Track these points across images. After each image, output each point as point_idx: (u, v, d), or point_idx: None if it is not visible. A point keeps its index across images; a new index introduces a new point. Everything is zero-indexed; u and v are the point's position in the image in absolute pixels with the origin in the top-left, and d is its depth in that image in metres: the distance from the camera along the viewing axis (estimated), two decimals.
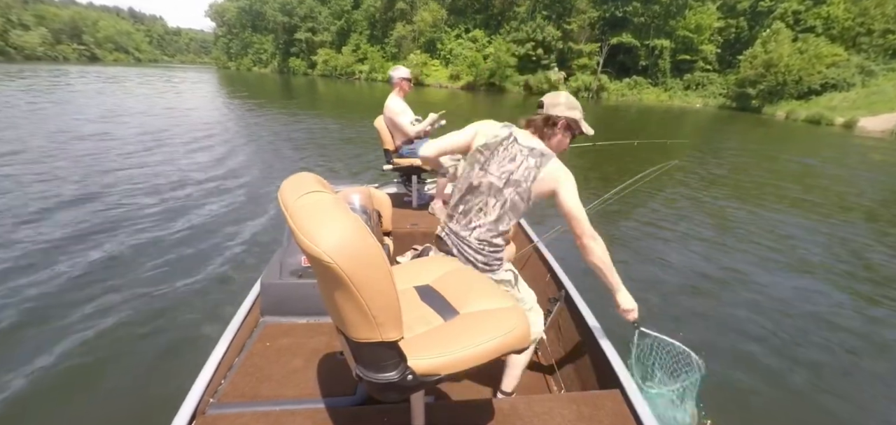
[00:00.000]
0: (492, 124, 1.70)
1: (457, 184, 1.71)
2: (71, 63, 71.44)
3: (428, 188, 4.05)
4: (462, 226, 1.63)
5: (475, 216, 1.61)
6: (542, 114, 1.65)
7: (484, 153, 1.62)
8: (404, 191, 4.05)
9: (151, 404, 2.28)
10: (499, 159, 1.59)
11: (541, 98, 1.71)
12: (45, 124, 10.35)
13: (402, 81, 3.68)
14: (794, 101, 30.30)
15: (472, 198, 1.62)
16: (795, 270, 4.55)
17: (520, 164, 1.56)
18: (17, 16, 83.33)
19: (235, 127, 12.33)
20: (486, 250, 1.60)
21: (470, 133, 1.70)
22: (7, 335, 2.82)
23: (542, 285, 2.47)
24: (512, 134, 1.63)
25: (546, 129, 1.63)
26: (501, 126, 1.68)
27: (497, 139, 1.62)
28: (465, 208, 1.63)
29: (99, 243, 4.18)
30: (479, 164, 1.62)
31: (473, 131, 1.69)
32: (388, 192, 3.74)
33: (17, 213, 4.75)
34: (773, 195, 7.77)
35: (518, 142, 1.60)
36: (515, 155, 1.58)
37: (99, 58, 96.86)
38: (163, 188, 5.97)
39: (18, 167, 6.53)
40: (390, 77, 3.74)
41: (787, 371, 2.89)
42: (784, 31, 32.80)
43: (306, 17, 60.39)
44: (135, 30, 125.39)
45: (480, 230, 1.59)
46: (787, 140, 17.43)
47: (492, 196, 1.58)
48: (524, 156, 1.57)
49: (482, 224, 1.59)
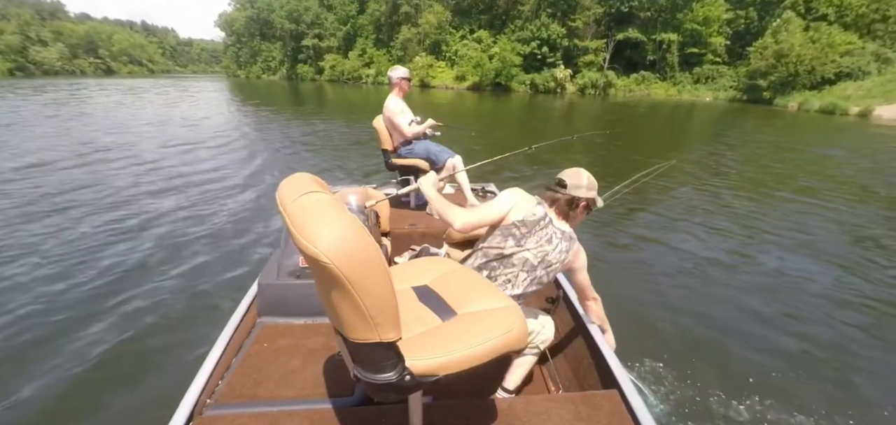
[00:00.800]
0: (527, 199, 1.74)
1: (481, 246, 1.74)
2: (87, 76, 73.27)
3: None
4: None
5: (502, 286, 1.66)
6: (566, 196, 1.72)
7: (520, 229, 1.68)
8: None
9: (149, 405, 2.30)
10: (537, 238, 1.67)
11: (561, 175, 1.77)
12: (65, 137, 10.72)
13: (401, 81, 3.69)
14: (807, 91, 29.59)
15: (501, 268, 1.67)
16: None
17: (555, 247, 1.67)
18: (35, 32, 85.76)
19: (247, 132, 12.51)
20: None
21: (506, 206, 1.73)
22: (7, 335, 2.86)
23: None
24: (547, 215, 1.71)
25: (570, 211, 1.73)
26: (536, 203, 1.74)
27: (535, 218, 1.68)
28: (490, 274, 1.68)
29: (98, 246, 4.23)
30: (514, 239, 1.67)
31: (510, 204, 1.73)
32: (386, 193, 3.74)
33: (22, 216, 4.89)
34: (818, 189, 7.56)
35: (553, 224, 1.70)
36: (552, 237, 1.68)
37: (114, 70, 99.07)
38: (162, 192, 6.08)
39: (34, 176, 6.74)
40: (389, 77, 3.76)
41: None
42: (795, 20, 32.06)
43: (313, 23, 60.98)
44: (148, 42, 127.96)
45: None
46: (803, 131, 17.06)
47: (524, 271, 1.66)
48: (559, 239, 1.68)
49: (507, 294, 1.59)
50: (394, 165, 3.85)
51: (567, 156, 9.49)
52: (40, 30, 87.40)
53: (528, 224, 1.68)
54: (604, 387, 1.71)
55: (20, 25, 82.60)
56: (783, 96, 30.77)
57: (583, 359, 1.94)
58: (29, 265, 3.82)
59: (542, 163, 8.52)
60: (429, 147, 3.78)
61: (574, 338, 2.06)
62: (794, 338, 3.17)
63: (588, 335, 1.93)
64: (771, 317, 3.46)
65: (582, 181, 1.72)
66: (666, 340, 3.10)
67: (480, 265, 1.71)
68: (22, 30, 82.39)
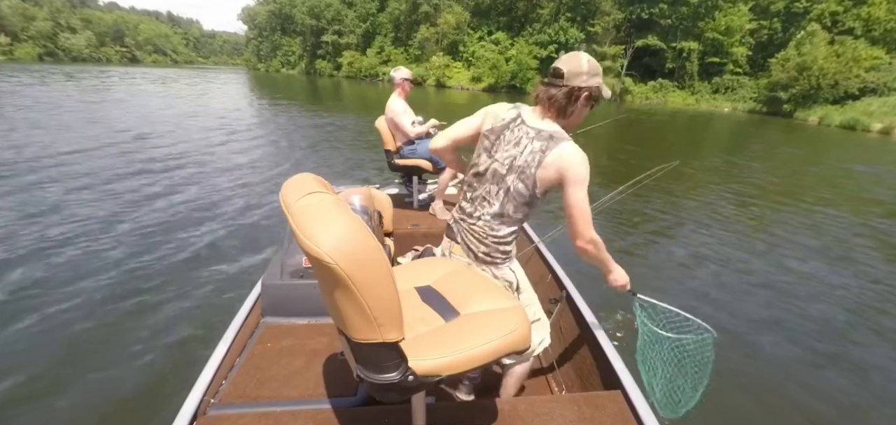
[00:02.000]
0: (501, 106, 1.56)
1: (468, 169, 1.63)
2: (113, 64, 75.16)
3: (429, 189, 4.06)
4: (468, 215, 1.57)
5: (480, 205, 1.54)
6: (563, 88, 1.42)
7: (490, 137, 1.52)
8: (405, 191, 4.06)
9: (152, 405, 2.30)
10: (504, 144, 1.48)
11: (556, 64, 1.46)
12: (85, 129, 10.76)
13: (403, 82, 3.69)
14: (829, 105, 29.04)
15: (478, 186, 1.54)
16: None
17: (524, 149, 1.43)
18: (65, 20, 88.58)
19: (267, 128, 12.56)
20: (489, 241, 1.52)
21: (479, 117, 1.59)
22: (7, 334, 2.83)
23: (542, 286, 2.47)
24: (519, 115, 1.49)
25: (569, 106, 1.44)
26: (510, 107, 1.54)
27: (503, 122, 1.50)
28: (472, 196, 1.57)
29: (101, 242, 4.21)
30: (485, 151, 1.53)
31: (483, 115, 1.58)
32: (389, 193, 3.76)
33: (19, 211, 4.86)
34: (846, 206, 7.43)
35: (525, 124, 1.46)
36: (520, 138, 1.45)
37: (139, 59, 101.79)
38: (170, 189, 6.03)
39: (46, 164, 6.95)
40: (392, 77, 3.77)
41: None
42: (820, 33, 31.46)
43: (333, 19, 61.81)
44: (173, 33, 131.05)
45: (484, 220, 1.52)
46: (827, 145, 16.71)
47: (495, 184, 1.49)
48: (530, 139, 1.43)
49: (486, 213, 1.52)
50: (396, 166, 3.85)
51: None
52: (70, 17, 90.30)
53: (496, 130, 1.51)
54: (607, 388, 1.69)
55: (51, 12, 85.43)
56: (804, 109, 30.23)
57: (586, 360, 1.92)
58: (31, 262, 3.78)
59: None
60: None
61: (577, 339, 2.03)
62: (807, 346, 3.15)
63: (591, 335, 1.90)
64: (782, 321, 3.47)
65: (582, 66, 1.41)
66: None
67: (465, 191, 1.60)
68: (53, 16, 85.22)
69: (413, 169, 3.79)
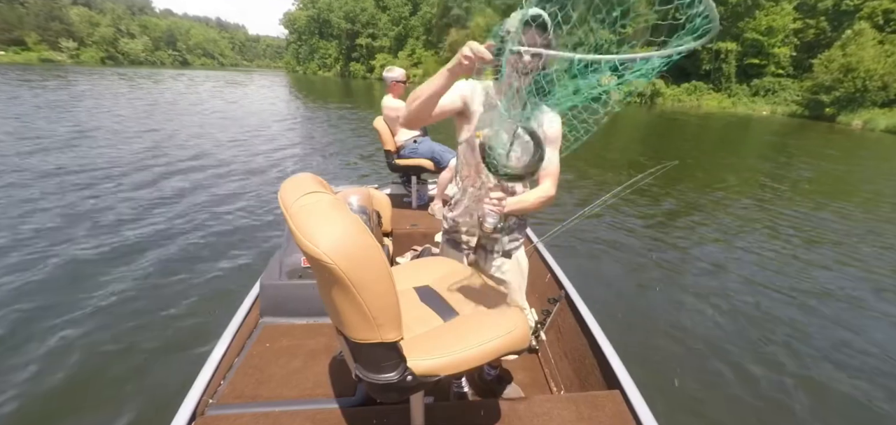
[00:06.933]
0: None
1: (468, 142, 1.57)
2: (166, 67, 79.86)
3: (428, 189, 4.08)
4: (472, 182, 1.56)
5: (467, 175, 1.56)
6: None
7: (470, 107, 1.51)
8: (404, 191, 4.07)
9: (150, 405, 2.29)
10: (477, 106, 1.50)
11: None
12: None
13: (395, 84, 3.79)
14: (876, 108, 27.42)
15: (462, 159, 1.59)
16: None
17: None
18: (125, 26, 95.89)
19: (298, 130, 12.93)
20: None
21: (457, 89, 1.49)
22: (7, 334, 2.82)
23: (542, 286, 2.48)
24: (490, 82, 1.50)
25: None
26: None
27: (473, 91, 1.52)
28: (463, 173, 1.59)
29: (102, 242, 4.19)
30: (466, 121, 1.54)
31: (461, 87, 1.51)
32: (387, 193, 3.81)
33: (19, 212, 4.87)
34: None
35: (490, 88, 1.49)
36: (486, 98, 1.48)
37: (189, 62, 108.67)
38: (170, 191, 6.00)
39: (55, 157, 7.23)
40: (384, 78, 3.82)
41: None
42: (868, 32, 29.72)
43: (367, 23, 63.98)
44: (220, 37, 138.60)
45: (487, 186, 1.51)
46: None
47: (471, 150, 1.51)
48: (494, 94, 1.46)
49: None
50: (396, 166, 3.85)
51: (575, 161, 8.87)
52: (130, 24, 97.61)
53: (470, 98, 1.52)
54: (606, 388, 1.69)
55: (113, 19, 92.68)
56: (847, 113, 28.69)
57: (585, 360, 1.90)
58: (29, 261, 3.75)
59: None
60: (433, 147, 3.78)
61: (576, 338, 2.03)
62: (812, 355, 3.08)
63: (590, 335, 1.90)
64: (787, 324, 3.43)
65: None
66: (672, 342, 3.03)
67: (459, 165, 1.62)
68: (115, 23, 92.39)
69: (413, 168, 3.81)
